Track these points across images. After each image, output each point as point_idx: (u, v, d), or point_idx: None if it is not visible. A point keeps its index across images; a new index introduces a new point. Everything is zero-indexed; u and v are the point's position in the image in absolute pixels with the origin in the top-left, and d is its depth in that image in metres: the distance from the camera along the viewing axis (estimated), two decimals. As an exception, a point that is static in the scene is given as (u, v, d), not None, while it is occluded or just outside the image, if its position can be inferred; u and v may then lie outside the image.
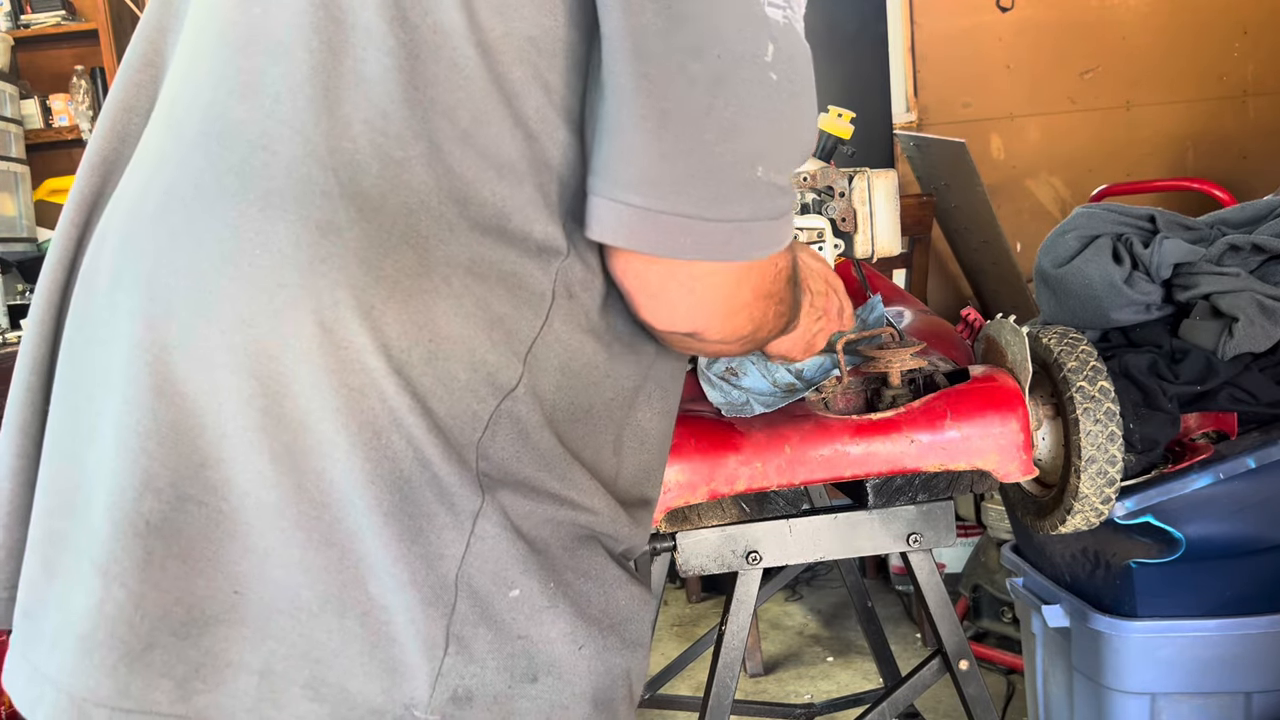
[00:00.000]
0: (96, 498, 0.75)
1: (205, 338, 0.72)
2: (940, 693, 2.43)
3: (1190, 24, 3.61)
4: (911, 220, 2.98)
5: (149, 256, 0.75)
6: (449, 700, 0.74)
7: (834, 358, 1.32)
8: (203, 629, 0.73)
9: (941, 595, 1.35)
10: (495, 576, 0.74)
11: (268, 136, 0.73)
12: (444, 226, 0.72)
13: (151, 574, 0.73)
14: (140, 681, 0.73)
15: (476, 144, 0.73)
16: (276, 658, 0.73)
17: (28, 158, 3.66)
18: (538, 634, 0.75)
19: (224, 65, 0.77)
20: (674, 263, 0.75)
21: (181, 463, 0.72)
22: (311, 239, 0.71)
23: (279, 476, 0.71)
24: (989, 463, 1.23)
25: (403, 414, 0.71)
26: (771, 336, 0.89)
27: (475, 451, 0.73)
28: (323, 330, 0.70)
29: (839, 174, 1.36)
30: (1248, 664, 1.57)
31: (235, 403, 0.71)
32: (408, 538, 0.71)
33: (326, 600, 0.72)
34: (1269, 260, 1.66)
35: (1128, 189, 3.31)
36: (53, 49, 3.94)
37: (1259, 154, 3.63)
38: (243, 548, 0.72)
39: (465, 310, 0.72)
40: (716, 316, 0.79)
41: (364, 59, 0.73)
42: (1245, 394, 1.59)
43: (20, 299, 3.02)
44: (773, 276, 0.82)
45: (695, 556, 1.29)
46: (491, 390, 0.73)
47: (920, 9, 3.69)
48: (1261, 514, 1.54)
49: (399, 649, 0.73)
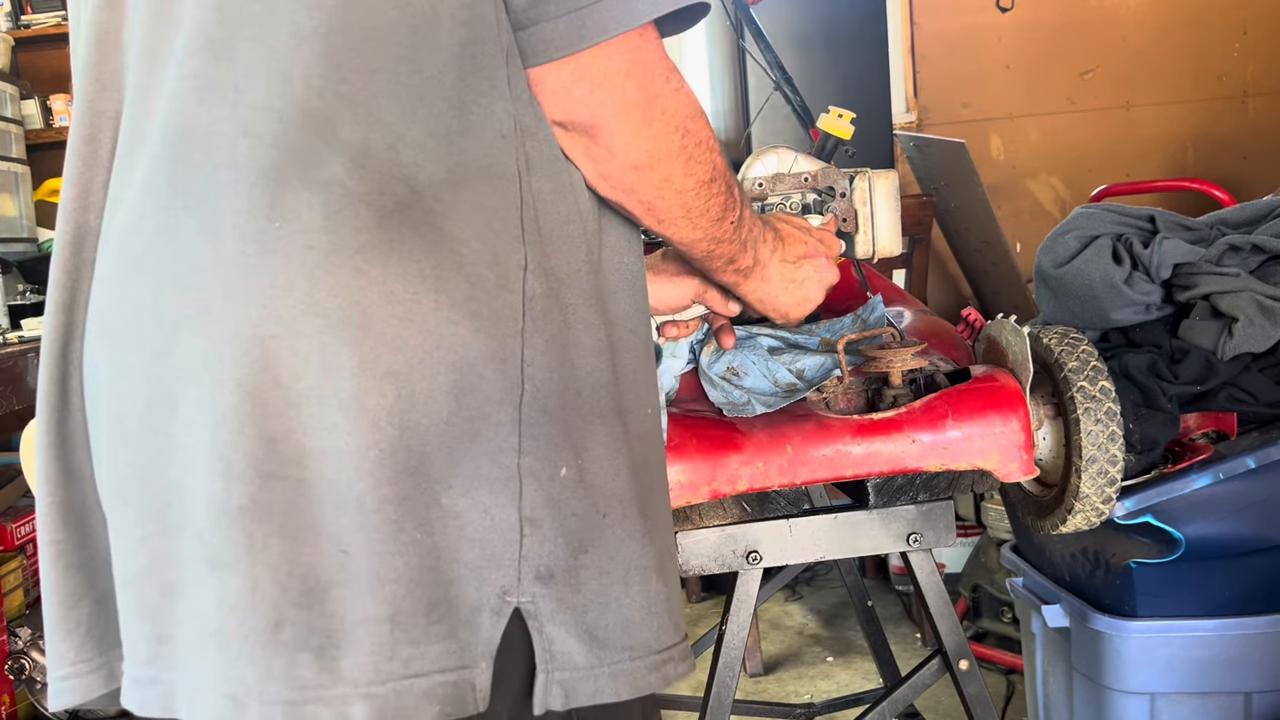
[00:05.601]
0: (192, 504, 0.78)
1: (247, 319, 0.76)
2: (940, 693, 2.44)
3: (1190, 24, 3.61)
4: (911, 220, 2.98)
5: (166, 272, 0.79)
6: (534, 580, 0.81)
7: (835, 358, 1.32)
8: (323, 595, 0.76)
9: (941, 595, 1.35)
10: (546, 460, 0.81)
11: (243, 124, 0.77)
12: (419, 151, 0.78)
13: (257, 555, 0.75)
14: (280, 660, 0.76)
15: (418, 62, 0.78)
16: (399, 598, 0.77)
17: (28, 158, 3.65)
18: (579, 507, 0.83)
19: (173, 79, 0.80)
20: (568, 62, 0.82)
21: (251, 443, 0.75)
22: (321, 199, 0.76)
23: (349, 422, 0.75)
24: (990, 462, 1.23)
25: (451, 327, 0.76)
26: (698, 192, 0.92)
27: (520, 340, 0.79)
28: (359, 274, 0.75)
29: (839, 174, 1.36)
30: (1247, 664, 1.57)
31: (292, 368, 0.75)
32: (469, 440, 0.78)
33: (420, 525, 0.76)
34: (1269, 260, 1.66)
35: (1127, 189, 3.31)
36: (53, 49, 3.94)
37: (1259, 154, 3.63)
38: (334, 506, 0.75)
39: (466, 215, 0.79)
40: (608, 106, 0.84)
41: (297, 21, 0.77)
42: (1245, 394, 1.59)
43: (20, 299, 3.01)
44: (665, 84, 0.86)
45: (695, 556, 1.29)
46: (514, 276, 0.80)
47: (920, 9, 3.69)
48: (1261, 514, 1.54)
49: (479, 546, 0.78)
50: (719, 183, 0.94)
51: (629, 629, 0.85)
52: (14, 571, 2.69)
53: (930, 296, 3.48)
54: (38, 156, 3.76)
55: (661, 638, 0.88)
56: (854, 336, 1.30)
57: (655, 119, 0.86)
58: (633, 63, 0.84)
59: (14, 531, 2.74)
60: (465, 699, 0.79)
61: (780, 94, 2.14)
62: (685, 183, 0.91)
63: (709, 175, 0.92)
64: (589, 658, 0.83)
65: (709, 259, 1.03)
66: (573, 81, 0.83)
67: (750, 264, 1.09)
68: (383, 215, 0.77)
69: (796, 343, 1.40)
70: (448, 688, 0.78)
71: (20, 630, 2.60)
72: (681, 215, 0.94)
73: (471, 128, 0.81)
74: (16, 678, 2.57)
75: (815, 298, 1.17)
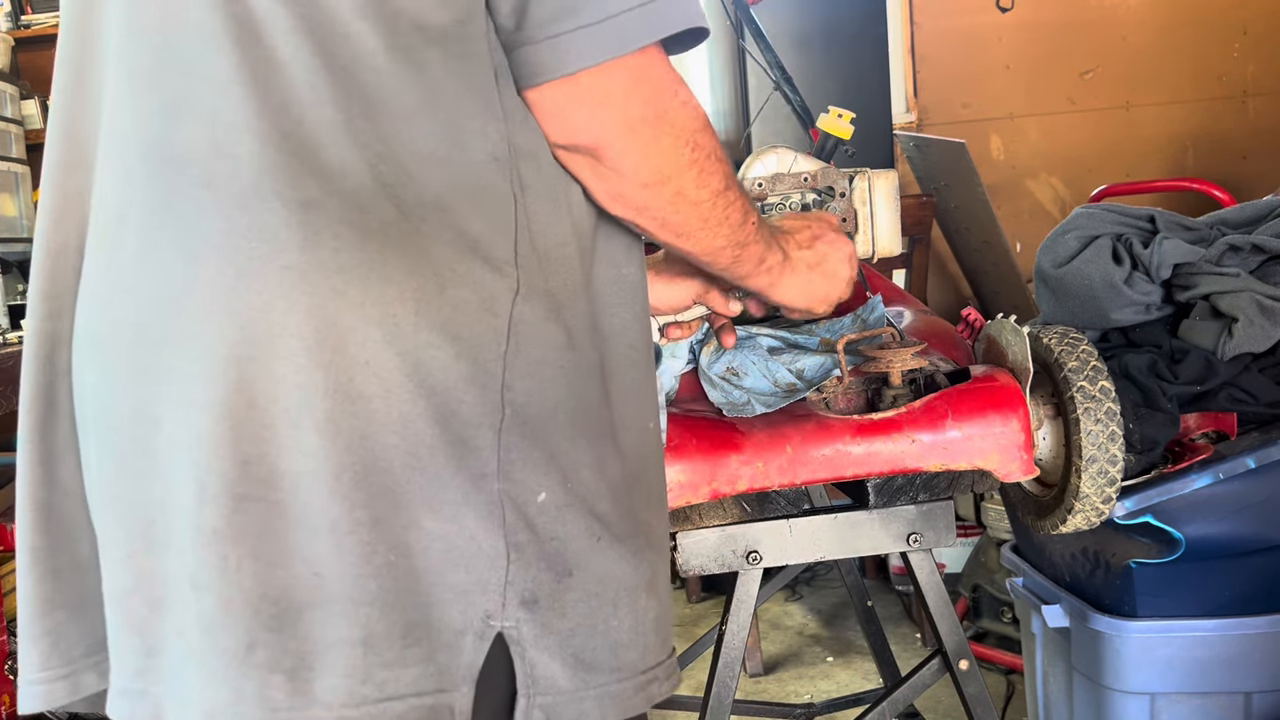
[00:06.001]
0: (174, 522, 0.78)
1: (224, 340, 0.75)
2: (940, 693, 2.44)
3: (1190, 24, 3.61)
4: (911, 220, 2.98)
5: (146, 291, 0.79)
6: (519, 605, 0.80)
7: (835, 358, 1.32)
8: (297, 617, 0.76)
9: (941, 595, 1.35)
10: (524, 484, 0.80)
11: (220, 144, 0.76)
12: (403, 171, 0.77)
13: (230, 577, 0.75)
14: (253, 682, 0.76)
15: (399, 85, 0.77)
16: (373, 621, 0.76)
17: (28, 158, 3.66)
18: (563, 532, 0.82)
19: (148, 99, 0.80)
20: (567, 82, 0.80)
21: (226, 465, 0.75)
22: (299, 218, 0.75)
23: (324, 445, 0.74)
24: (990, 462, 1.23)
25: (431, 351, 0.76)
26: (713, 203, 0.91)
27: (502, 364, 0.78)
28: (337, 296, 0.75)
29: (839, 174, 1.36)
30: (1247, 664, 1.57)
31: (268, 390, 0.74)
32: (452, 465, 0.77)
33: (394, 547, 0.76)
34: (1269, 260, 1.66)
35: (1127, 189, 3.31)
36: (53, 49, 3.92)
37: (1259, 154, 3.63)
38: (309, 529, 0.75)
39: (450, 239, 0.78)
40: (612, 126, 0.82)
41: (274, 46, 0.76)
42: (1245, 394, 1.59)
43: (20, 299, 3.01)
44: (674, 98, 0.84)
45: (695, 556, 1.29)
46: (503, 300, 0.79)
47: (920, 9, 3.69)
48: (1261, 514, 1.54)
49: (464, 570, 0.78)
50: (733, 190, 0.93)
51: (616, 650, 0.85)
52: (14, 572, 2.69)
53: (930, 296, 3.48)
54: (38, 156, 3.75)
55: (647, 656, 0.87)
56: (854, 336, 1.30)
57: (664, 135, 0.84)
58: (636, 80, 0.82)
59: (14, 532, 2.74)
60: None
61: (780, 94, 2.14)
62: (699, 195, 0.89)
63: (722, 184, 0.91)
64: (574, 681, 0.83)
65: (736, 265, 1.01)
66: (572, 104, 0.81)
67: (780, 259, 1.07)
68: (366, 235, 0.76)
69: (796, 343, 1.40)
70: (424, 711, 0.78)
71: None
72: (700, 226, 0.92)
73: (461, 150, 0.79)
74: (16, 678, 2.57)
75: (844, 274, 1.14)
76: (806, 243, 1.12)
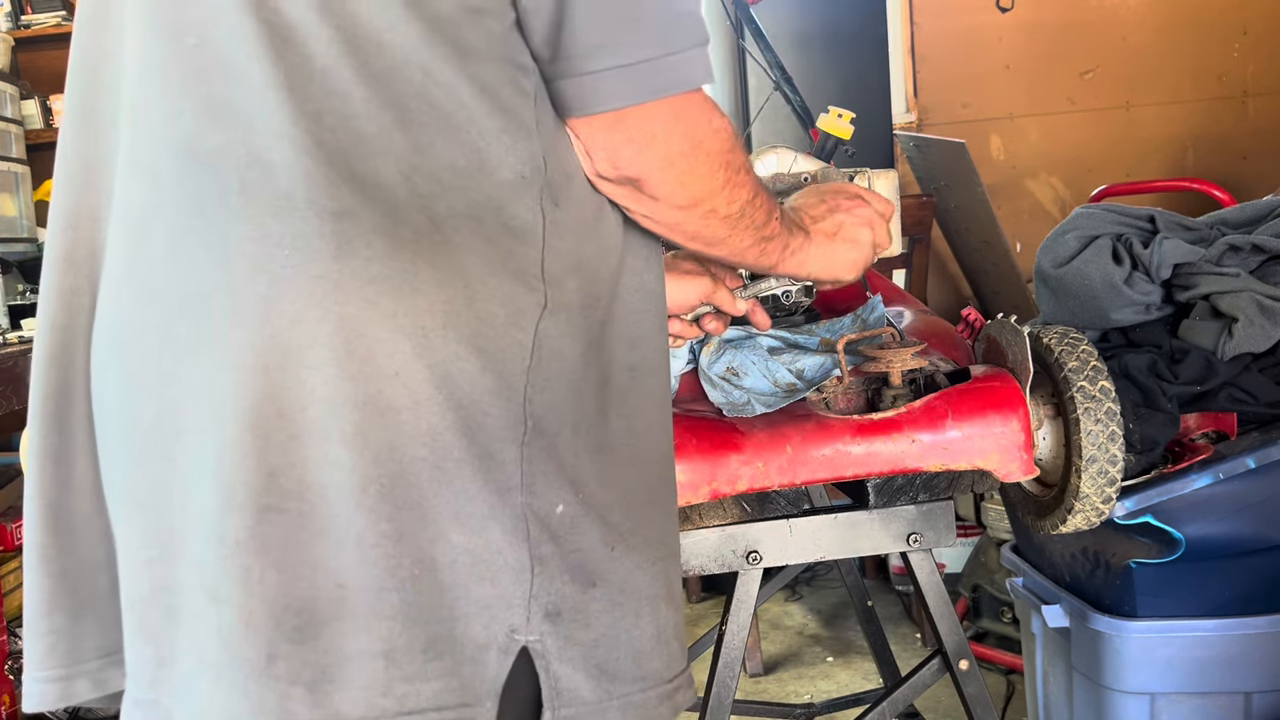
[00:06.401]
0: (194, 531, 0.77)
1: (253, 348, 0.75)
2: (940, 693, 2.44)
3: (1190, 24, 3.61)
4: (911, 220, 2.98)
5: (174, 295, 0.78)
6: (544, 618, 0.80)
7: (835, 358, 1.32)
8: (318, 630, 0.75)
9: (941, 595, 1.35)
10: (545, 497, 0.81)
11: (254, 150, 0.76)
12: (436, 183, 0.78)
13: (253, 588, 0.75)
14: (273, 694, 0.75)
15: (433, 98, 0.78)
16: (395, 634, 0.76)
17: (28, 158, 3.65)
18: (582, 543, 0.82)
19: (179, 100, 0.79)
20: (613, 118, 0.82)
21: (251, 475, 0.74)
22: (331, 228, 0.75)
23: (351, 457, 0.74)
24: (990, 462, 1.23)
25: (459, 364, 0.76)
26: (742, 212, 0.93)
27: (525, 379, 0.79)
28: (369, 306, 0.75)
29: (839, 174, 1.36)
30: (1247, 664, 1.57)
31: (297, 400, 0.74)
32: (479, 478, 0.77)
33: (419, 561, 0.76)
34: (1269, 260, 1.66)
35: (1127, 189, 3.31)
36: (53, 49, 3.93)
37: (1259, 154, 3.63)
38: (333, 542, 0.75)
39: (480, 252, 0.78)
40: (654, 161, 0.84)
41: (310, 54, 0.76)
42: (1245, 394, 1.59)
43: (20, 299, 3.01)
44: (708, 127, 0.86)
45: (695, 556, 1.29)
46: (530, 315, 0.80)
47: (920, 9, 3.69)
48: (1261, 514, 1.54)
49: (490, 584, 0.78)
50: (760, 195, 0.95)
51: (639, 660, 0.85)
52: (14, 571, 2.69)
53: (930, 296, 3.48)
54: (38, 156, 3.76)
55: (672, 665, 0.88)
56: (854, 336, 1.30)
57: (700, 164, 0.87)
58: (678, 117, 0.84)
59: (14, 532, 2.74)
60: None
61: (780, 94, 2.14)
62: (730, 209, 0.92)
63: (750, 195, 0.93)
64: (597, 692, 0.83)
65: (764, 258, 1.03)
66: (619, 140, 0.83)
67: (802, 239, 1.09)
68: (398, 245, 0.76)
69: (796, 343, 1.40)
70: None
71: (20, 630, 2.60)
72: (729, 235, 0.94)
73: (492, 166, 0.80)
74: (16, 678, 2.57)
75: (865, 237, 1.14)
76: (822, 215, 1.13)
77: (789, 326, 1.44)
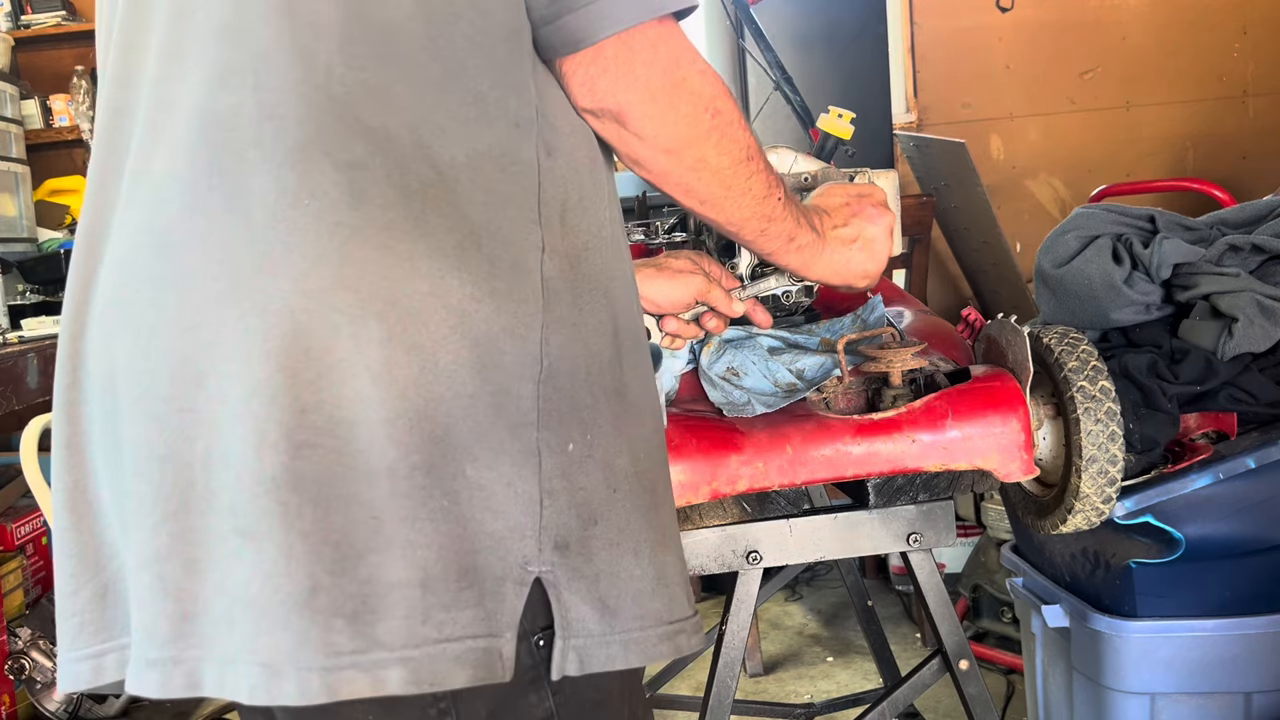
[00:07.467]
0: (221, 477, 0.79)
1: (279, 292, 0.77)
2: (940, 693, 2.44)
3: (1190, 24, 3.61)
4: (911, 220, 2.99)
5: (195, 249, 0.80)
6: (553, 549, 0.83)
7: (835, 358, 1.32)
8: (357, 561, 0.77)
9: (941, 595, 1.35)
10: (557, 434, 0.83)
11: (267, 106, 0.79)
12: (439, 132, 0.81)
13: (291, 523, 0.76)
14: (316, 627, 0.76)
15: (434, 50, 0.81)
16: (430, 563, 0.78)
17: (28, 158, 3.65)
18: (587, 482, 0.85)
19: (193, 70, 0.82)
20: (593, 50, 0.85)
21: (284, 413, 0.76)
22: (346, 177, 0.78)
23: (380, 393, 0.77)
24: (990, 462, 1.23)
25: (474, 304, 0.79)
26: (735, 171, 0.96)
27: (540, 319, 0.82)
28: (386, 250, 0.78)
29: (839, 174, 1.36)
30: (1247, 664, 1.57)
31: (324, 340, 0.77)
32: (492, 414, 0.80)
33: (446, 493, 0.78)
34: (1269, 260, 1.66)
35: (1128, 189, 3.31)
36: (53, 49, 3.94)
37: (1259, 154, 3.63)
38: (366, 474, 0.77)
39: (482, 200, 0.82)
40: (633, 93, 0.87)
41: (314, 9, 0.80)
42: (1245, 394, 1.59)
43: (20, 299, 3.01)
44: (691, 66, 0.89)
45: (695, 556, 1.29)
46: (531, 258, 0.83)
47: (920, 9, 3.69)
48: (1261, 514, 1.54)
49: (502, 519, 0.80)
50: (757, 160, 0.97)
51: (639, 599, 0.87)
52: (14, 571, 2.69)
53: (930, 296, 3.48)
54: (38, 156, 3.76)
55: (674, 609, 0.89)
56: (854, 336, 1.30)
57: (682, 102, 0.89)
58: (655, 49, 0.87)
59: (14, 531, 2.74)
60: (494, 666, 0.80)
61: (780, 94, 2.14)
62: (720, 161, 0.94)
63: (744, 154, 0.95)
64: (602, 625, 0.85)
65: (763, 239, 1.05)
66: (598, 71, 0.86)
67: (812, 238, 1.10)
68: (407, 194, 0.79)
69: (796, 343, 1.40)
70: (478, 654, 0.79)
71: (20, 630, 2.60)
72: (723, 194, 0.97)
73: (488, 116, 0.83)
74: (16, 678, 2.57)
75: (883, 247, 1.16)
76: (843, 220, 1.15)
77: (789, 326, 1.44)
